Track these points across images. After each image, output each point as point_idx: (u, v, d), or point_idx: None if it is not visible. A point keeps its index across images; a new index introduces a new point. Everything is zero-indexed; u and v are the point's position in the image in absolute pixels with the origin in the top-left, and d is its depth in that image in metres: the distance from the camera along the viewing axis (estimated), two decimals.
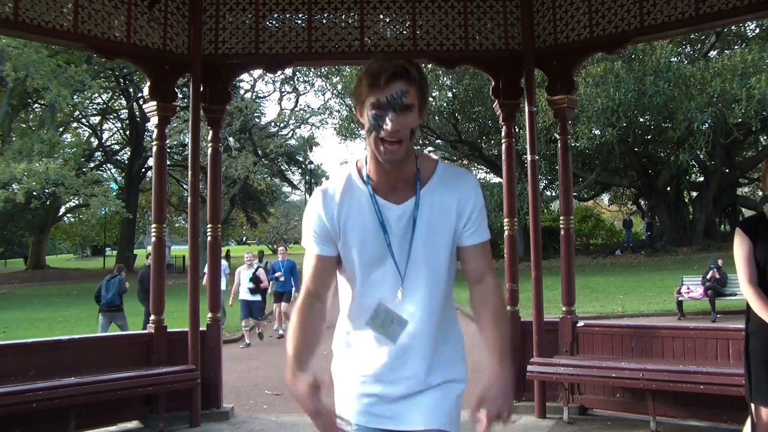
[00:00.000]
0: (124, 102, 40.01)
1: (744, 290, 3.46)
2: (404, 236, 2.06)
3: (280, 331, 13.78)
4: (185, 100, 25.52)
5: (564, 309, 6.13)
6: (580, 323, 6.16)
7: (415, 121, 1.98)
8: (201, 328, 6.09)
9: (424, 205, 2.07)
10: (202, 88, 6.19)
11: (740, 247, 3.47)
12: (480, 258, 2.15)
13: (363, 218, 2.07)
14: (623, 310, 15.19)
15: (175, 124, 27.04)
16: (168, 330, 6.04)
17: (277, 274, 14.10)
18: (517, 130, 6.79)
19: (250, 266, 13.35)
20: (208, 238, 6.15)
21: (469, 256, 2.14)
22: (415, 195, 2.07)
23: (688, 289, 14.53)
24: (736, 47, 28.13)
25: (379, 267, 2.08)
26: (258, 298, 13.19)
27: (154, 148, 6.10)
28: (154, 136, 6.07)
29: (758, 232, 3.46)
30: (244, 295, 13.11)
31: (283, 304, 13.95)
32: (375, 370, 2.13)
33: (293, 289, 13.95)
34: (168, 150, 24.40)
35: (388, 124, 1.92)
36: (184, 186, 41.34)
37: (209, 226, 6.17)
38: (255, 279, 13.17)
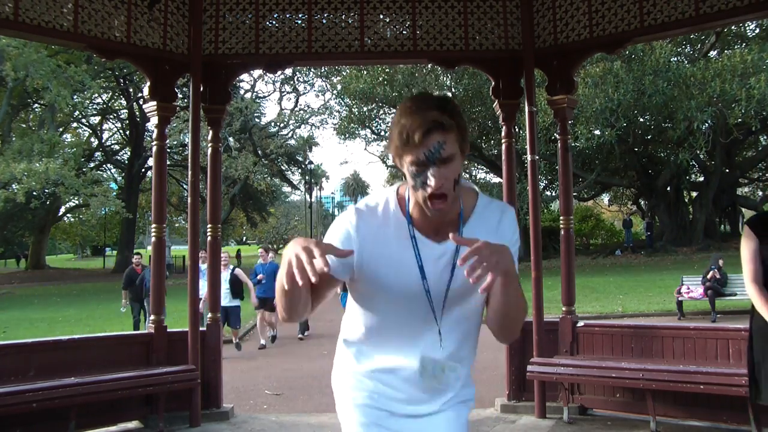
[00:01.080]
0: (124, 102, 40.00)
1: (748, 288, 3.45)
2: (440, 279, 1.94)
3: (262, 341, 12.77)
4: (185, 100, 25.39)
5: (564, 309, 6.14)
6: (580, 323, 6.16)
7: (458, 169, 1.86)
8: (201, 328, 6.09)
9: (464, 247, 1.85)
10: (202, 88, 6.18)
11: (747, 244, 3.46)
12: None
13: (399, 254, 1.94)
14: (623, 310, 15.18)
15: (175, 124, 27.04)
16: (168, 330, 6.03)
17: (259, 277, 12.73)
18: (517, 130, 6.79)
19: (226, 268, 11.62)
20: (208, 238, 6.14)
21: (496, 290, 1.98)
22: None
23: (688, 289, 14.52)
24: (736, 47, 28.17)
25: (408, 306, 1.97)
26: (237, 303, 12.03)
27: (154, 148, 6.10)
28: (154, 136, 6.07)
29: (766, 231, 3.43)
30: (222, 300, 11.09)
31: (266, 312, 12.63)
32: (397, 394, 2.06)
33: None
34: (168, 150, 24.34)
35: (431, 180, 1.81)
36: (184, 186, 41.30)
37: (209, 226, 6.17)
38: (233, 280, 11.98)
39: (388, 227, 1.96)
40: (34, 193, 28.88)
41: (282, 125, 43.02)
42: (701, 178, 33.60)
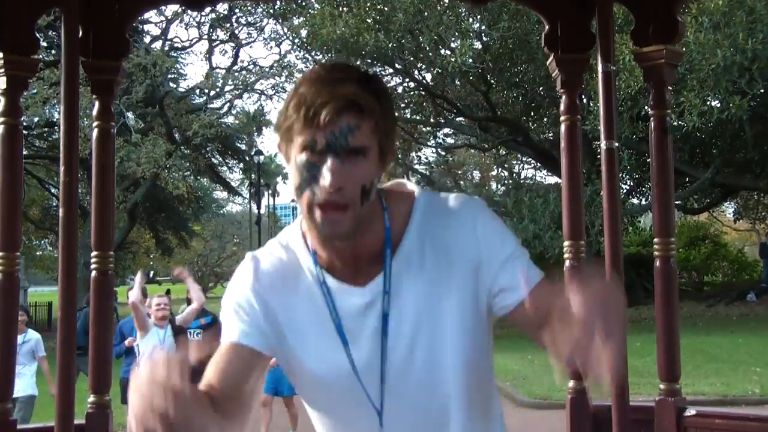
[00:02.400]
0: None
1: None
2: (373, 343, 1.54)
3: None
4: (53, 52, 20.54)
5: (663, 387, 4.34)
6: (690, 411, 4.35)
7: (371, 173, 1.47)
8: (77, 421, 4.13)
9: (396, 283, 1.52)
10: (81, 32, 4.29)
11: None
12: (550, 293, 1.44)
13: (315, 315, 1.57)
14: (762, 393, 10.87)
15: (35, 90, 19.86)
16: (19, 428, 4.19)
17: (128, 342, 8.38)
18: (584, 101, 5.05)
19: (163, 322, 8.18)
20: (93, 274, 4.26)
21: (535, 307, 1.42)
22: (383, 271, 1.52)
23: None
24: None
25: (343, 395, 1.58)
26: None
27: (0, 128, 4.17)
28: (0, 108, 4.16)
29: None
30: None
31: None
32: None
33: None
34: (25, 132, 17.37)
35: (326, 177, 1.42)
36: (53, 191, 28.78)
37: (95, 254, 4.28)
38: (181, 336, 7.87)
39: (298, 282, 1.60)
40: None
41: (213, 93, 29.35)
42: None
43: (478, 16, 19.87)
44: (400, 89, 24.40)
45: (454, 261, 1.54)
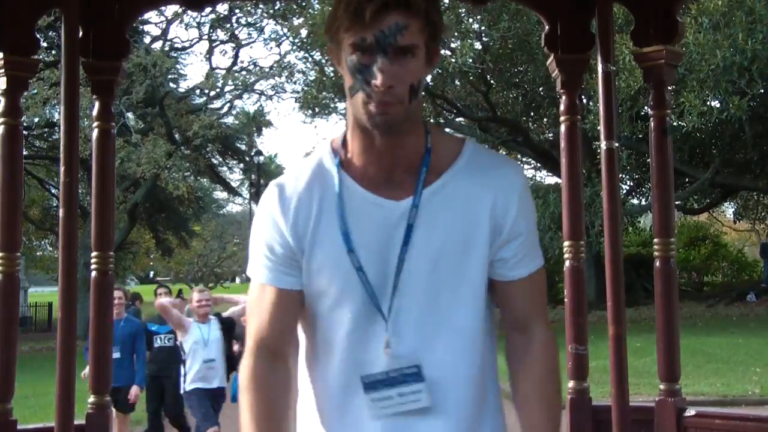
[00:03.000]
0: None
1: None
2: (387, 250, 1.55)
3: None
4: (54, 52, 20.51)
5: (663, 387, 4.33)
6: (690, 411, 4.33)
7: (421, 71, 1.52)
8: (77, 422, 4.10)
9: (430, 208, 1.55)
10: (82, 33, 4.28)
11: None
12: (527, 297, 1.65)
13: (327, 227, 1.58)
14: (762, 393, 10.63)
15: (36, 91, 19.98)
16: (19, 428, 4.14)
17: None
18: (584, 101, 5.01)
19: (205, 319, 7.75)
20: (93, 274, 4.24)
21: (509, 295, 1.65)
22: (415, 189, 1.56)
23: None
24: None
25: (350, 310, 1.57)
26: (223, 385, 7.70)
27: (0, 129, 4.16)
28: (0, 109, 4.15)
29: None
30: (211, 381, 7.62)
31: (120, 414, 7.89)
32: None
33: (143, 379, 8.00)
34: (25, 132, 16.38)
35: (377, 76, 1.45)
36: (53, 191, 29.02)
37: (95, 254, 4.28)
38: (230, 334, 8.13)
39: (325, 193, 1.60)
40: None
41: (213, 94, 29.32)
42: None
43: (478, 17, 19.79)
44: None
45: (484, 209, 1.60)
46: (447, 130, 27.19)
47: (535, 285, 1.69)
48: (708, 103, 16.74)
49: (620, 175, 3.79)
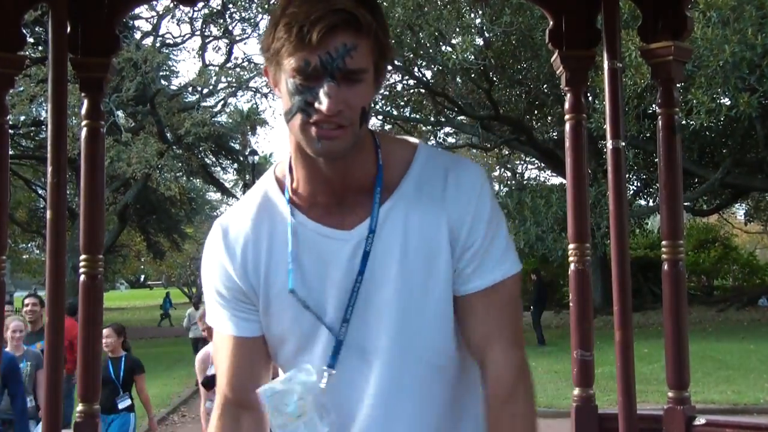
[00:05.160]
0: None
1: None
2: (346, 285, 1.45)
3: None
4: (40, 48, 20.20)
5: (671, 395, 4.16)
6: (700, 419, 4.18)
7: (371, 93, 1.41)
8: (65, 431, 4.02)
9: (386, 229, 1.44)
10: (69, 28, 4.17)
11: None
12: (485, 314, 1.45)
13: (281, 265, 1.52)
14: None
15: (22, 88, 19.31)
16: None
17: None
18: (590, 99, 4.97)
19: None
20: (81, 278, 4.12)
21: (464, 313, 1.47)
22: (370, 214, 1.44)
23: None
24: None
25: (316, 353, 1.48)
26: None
27: None
28: None
29: None
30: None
31: None
32: None
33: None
34: (11, 131, 17.44)
35: (323, 101, 1.32)
36: (40, 192, 28.31)
37: (83, 257, 4.16)
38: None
39: (275, 229, 1.49)
40: None
41: (206, 91, 28.23)
42: None
43: (480, 11, 19.37)
44: (399, 87, 23.68)
45: (441, 220, 1.49)
46: (446, 129, 27.10)
47: (497, 299, 1.51)
48: (717, 100, 16.03)
49: (627, 176, 3.75)
